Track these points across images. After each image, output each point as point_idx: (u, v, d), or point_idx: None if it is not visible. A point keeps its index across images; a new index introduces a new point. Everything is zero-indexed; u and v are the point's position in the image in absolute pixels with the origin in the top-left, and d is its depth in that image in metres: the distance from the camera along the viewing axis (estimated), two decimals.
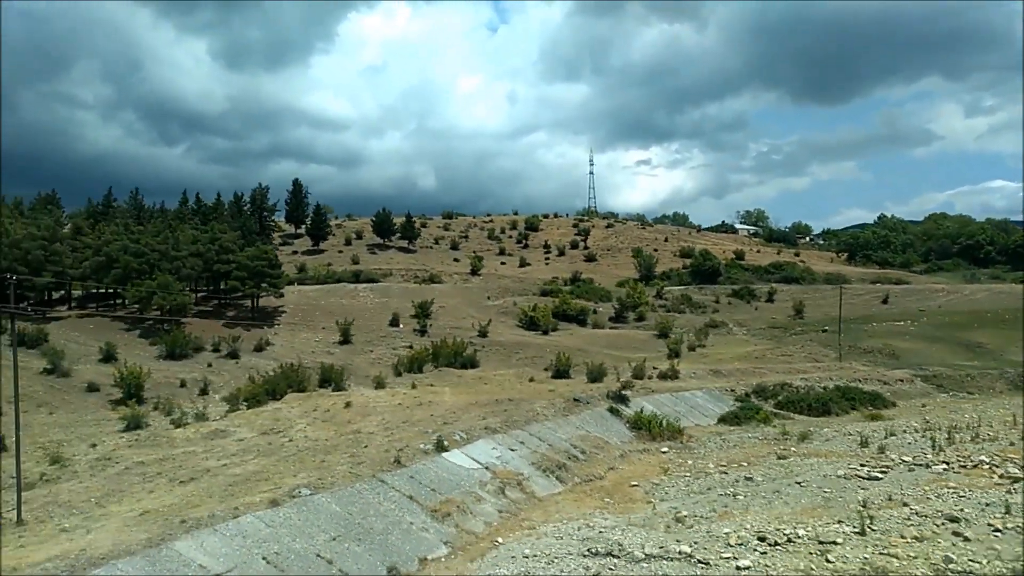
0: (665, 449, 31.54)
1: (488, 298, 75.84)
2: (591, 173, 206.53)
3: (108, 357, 49.22)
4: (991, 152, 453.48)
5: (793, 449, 28.66)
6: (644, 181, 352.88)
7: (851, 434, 30.72)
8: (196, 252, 57.58)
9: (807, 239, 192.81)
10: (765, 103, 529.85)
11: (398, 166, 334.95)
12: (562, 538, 18.87)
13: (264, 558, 15.08)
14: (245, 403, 39.13)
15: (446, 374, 51.40)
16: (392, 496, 20.21)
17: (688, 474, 26.40)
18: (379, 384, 44.64)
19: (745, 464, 27.32)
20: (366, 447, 24.36)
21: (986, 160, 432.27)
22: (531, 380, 47.75)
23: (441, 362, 54.18)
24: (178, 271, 54.99)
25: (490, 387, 43.95)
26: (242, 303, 63.16)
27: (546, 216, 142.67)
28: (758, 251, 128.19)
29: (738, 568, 14.41)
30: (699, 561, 15.06)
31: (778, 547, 15.33)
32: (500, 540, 19.09)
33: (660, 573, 14.87)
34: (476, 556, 17.95)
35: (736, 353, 57.56)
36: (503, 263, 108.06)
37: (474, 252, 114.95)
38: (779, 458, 26.89)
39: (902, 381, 49.62)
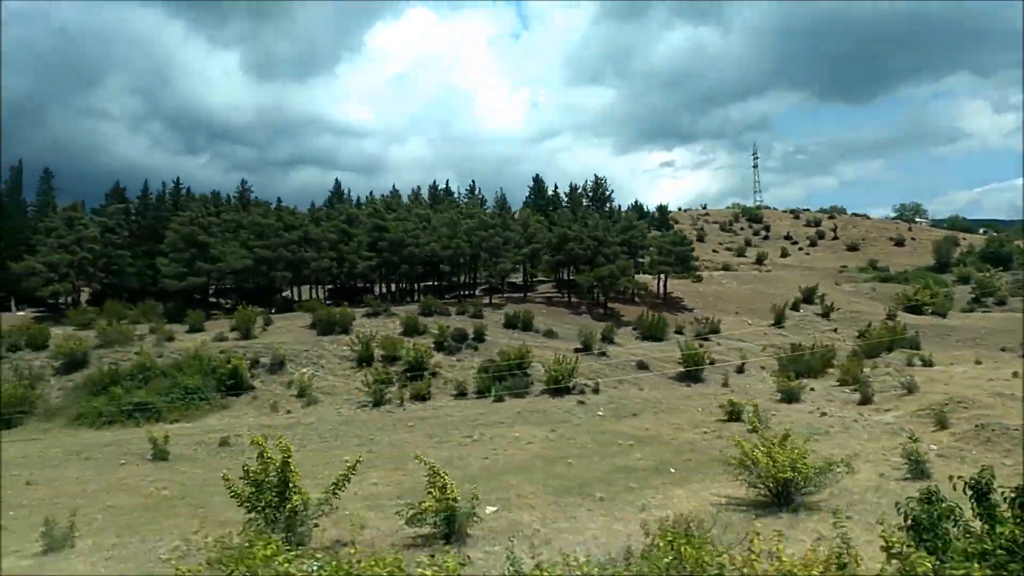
0: None
1: (836, 283, 76.20)
2: (755, 167, 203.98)
3: (605, 338, 51.76)
4: (1019, 148, 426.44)
5: None
6: (667, 183, 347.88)
7: None
8: (622, 240, 59.93)
9: (982, 230, 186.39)
10: (790, 103, 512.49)
11: (420, 172, 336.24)
12: None
13: None
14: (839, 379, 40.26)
15: (908, 355, 51.88)
16: None
17: None
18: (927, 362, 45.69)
19: None
20: None
21: (1014, 157, 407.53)
22: None
23: (896, 344, 54.86)
24: (617, 256, 57.35)
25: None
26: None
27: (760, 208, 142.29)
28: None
29: None
30: None
31: None
32: None
33: None
34: None
35: None
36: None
37: (720, 243, 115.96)
38: None
39: None
